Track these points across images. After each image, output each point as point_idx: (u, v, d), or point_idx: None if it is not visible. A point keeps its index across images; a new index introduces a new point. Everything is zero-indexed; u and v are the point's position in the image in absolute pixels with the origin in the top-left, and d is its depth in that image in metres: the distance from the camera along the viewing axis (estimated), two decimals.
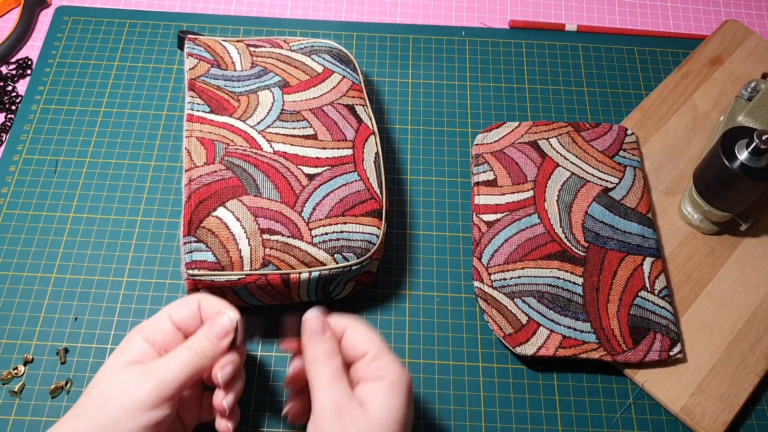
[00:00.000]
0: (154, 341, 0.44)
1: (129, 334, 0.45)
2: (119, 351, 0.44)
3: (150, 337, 0.44)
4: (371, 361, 0.43)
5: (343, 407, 0.40)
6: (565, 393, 0.55)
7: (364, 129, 0.58)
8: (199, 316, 0.46)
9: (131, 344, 0.44)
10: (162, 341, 0.44)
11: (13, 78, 0.69)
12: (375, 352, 0.43)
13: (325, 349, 0.43)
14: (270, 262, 0.50)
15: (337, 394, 0.41)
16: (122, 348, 0.44)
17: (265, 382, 0.54)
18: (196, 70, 0.59)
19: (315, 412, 0.41)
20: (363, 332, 0.44)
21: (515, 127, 0.65)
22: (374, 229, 0.53)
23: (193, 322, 0.45)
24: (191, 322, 0.45)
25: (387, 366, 0.42)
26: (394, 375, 0.42)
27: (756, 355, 0.56)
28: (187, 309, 0.45)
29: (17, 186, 0.62)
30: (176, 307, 0.45)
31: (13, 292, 0.57)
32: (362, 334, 0.44)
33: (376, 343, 0.43)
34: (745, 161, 0.54)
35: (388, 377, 0.42)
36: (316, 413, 0.41)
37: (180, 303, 0.46)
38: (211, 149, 0.54)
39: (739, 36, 0.72)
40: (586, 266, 0.57)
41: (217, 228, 0.51)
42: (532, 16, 0.76)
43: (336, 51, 0.63)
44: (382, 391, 0.41)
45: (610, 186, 0.61)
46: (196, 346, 0.43)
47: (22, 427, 0.51)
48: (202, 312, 0.46)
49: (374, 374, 0.42)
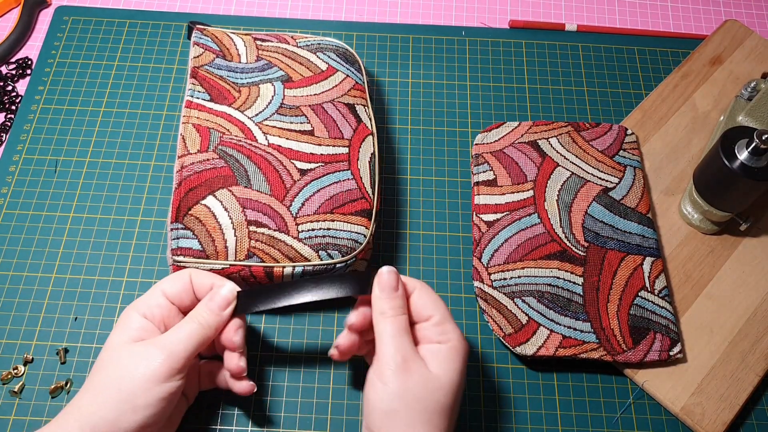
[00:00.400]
0: (152, 317, 0.46)
1: (125, 311, 0.46)
2: (120, 328, 0.45)
3: (147, 313, 0.46)
4: (435, 325, 0.45)
5: (409, 359, 0.42)
6: (565, 393, 0.55)
7: (363, 129, 0.58)
8: (192, 289, 0.48)
9: (130, 320, 0.45)
10: (159, 315, 0.46)
11: (13, 78, 0.69)
12: (439, 317, 0.45)
13: (396, 304, 0.45)
14: (255, 254, 0.51)
15: (403, 346, 0.43)
16: (122, 325, 0.45)
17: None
18: (201, 58, 0.59)
19: (380, 359, 0.43)
20: (431, 297, 0.46)
21: (515, 127, 0.65)
22: (362, 229, 0.53)
23: (187, 296, 0.47)
24: (185, 295, 0.47)
25: (450, 332, 0.45)
26: (456, 341, 0.44)
27: (756, 355, 0.56)
28: (180, 283, 0.47)
29: (17, 186, 0.62)
30: (168, 282, 0.47)
31: (13, 292, 0.57)
32: (430, 298, 0.46)
33: (441, 309, 0.46)
34: (745, 161, 0.54)
35: (450, 342, 0.44)
36: (381, 361, 0.43)
37: (171, 278, 0.48)
38: (206, 137, 0.54)
39: (739, 36, 0.72)
40: (586, 266, 0.57)
41: (205, 217, 0.51)
42: (532, 16, 0.76)
43: (343, 50, 0.63)
44: (443, 353, 0.44)
45: (610, 186, 0.61)
46: (200, 317, 0.45)
47: (22, 427, 0.51)
48: (194, 286, 0.48)
49: (437, 338, 0.44)
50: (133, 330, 0.44)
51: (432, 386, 0.42)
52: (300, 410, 0.53)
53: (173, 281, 0.47)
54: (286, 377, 0.54)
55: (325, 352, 0.56)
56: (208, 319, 0.46)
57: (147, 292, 0.47)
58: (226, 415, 0.53)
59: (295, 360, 0.55)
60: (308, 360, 0.55)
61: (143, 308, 0.46)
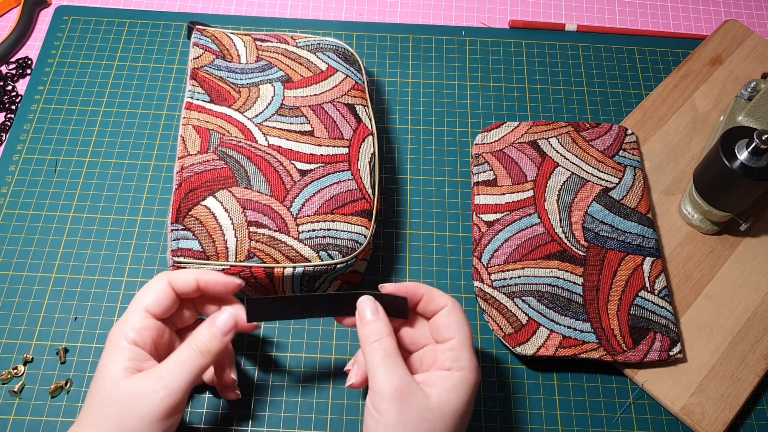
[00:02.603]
0: (143, 343, 0.43)
1: (113, 335, 0.43)
2: (111, 355, 0.42)
3: (138, 339, 0.43)
4: (450, 350, 0.43)
5: (403, 387, 0.41)
6: (565, 393, 0.55)
7: (363, 129, 0.58)
8: (174, 294, 0.45)
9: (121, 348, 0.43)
10: (150, 339, 0.44)
11: (13, 78, 0.69)
12: (457, 341, 0.43)
13: (374, 329, 0.43)
14: (255, 255, 0.51)
15: (395, 372, 0.41)
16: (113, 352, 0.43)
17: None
18: (201, 59, 0.59)
19: (373, 389, 0.41)
20: (457, 318, 0.44)
21: (515, 127, 0.65)
22: (362, 229, 0.53)
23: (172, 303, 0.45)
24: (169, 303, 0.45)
25: (462, 359, 0.43)
26: (467, 371, 0.42)
27: (756, 355, 0.56)
28: (161, 293, 0.44)
29: (17, 186, 0.62)
30: (149, 296, 0.44)
31: (13, 292, 0.57)
32: (456, 319, 0.44)
33: (462, 333, 0.44)
34: (745, 161, 0.54)
35: (462, 371, 0.42)
36: (375, 391, 0.41)
37: (151, 290, 0.44)
38: (206, 138, 0.54)
39: (739, 36, 0.72)
40: (586, 266, 0.57)
41: (205, 217, 0.51)
42: (532, 16, 0.76)
43: (342, 50, 0.63)
44: (452, 381, 0.42)
45: (610, 186, 0.61)
46: (201, 344, 0.43)
47: (22, 427, 0.51)
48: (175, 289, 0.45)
49: (449, 363, 0.43)
50: (126, 360, 0.42)
51: (430, 416, 0.40)
52: (300, 410, 0.53)
53: (153, 293, 0.44)
54: (286, 377, 0.54)
55: (326, 352, 0.56)
56: (209, 345, 0.43)
57: (129, 310, 0.44)
58: (226, 415, 0.53)
59: (295, 360, 0.55)
60: (308, 360, 0.55)
61: (132, 334, 0.43)
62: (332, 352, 0.56)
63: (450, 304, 0.45)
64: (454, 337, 0.43)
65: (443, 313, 0.45)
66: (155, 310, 0.44)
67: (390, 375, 0.41)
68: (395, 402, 0.40)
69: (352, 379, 0.46)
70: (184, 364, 0.42)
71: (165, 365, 0.42)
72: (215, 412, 0.53)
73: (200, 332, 0.44)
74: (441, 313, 0.45)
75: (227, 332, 0.44)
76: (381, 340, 0.43)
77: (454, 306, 0.45)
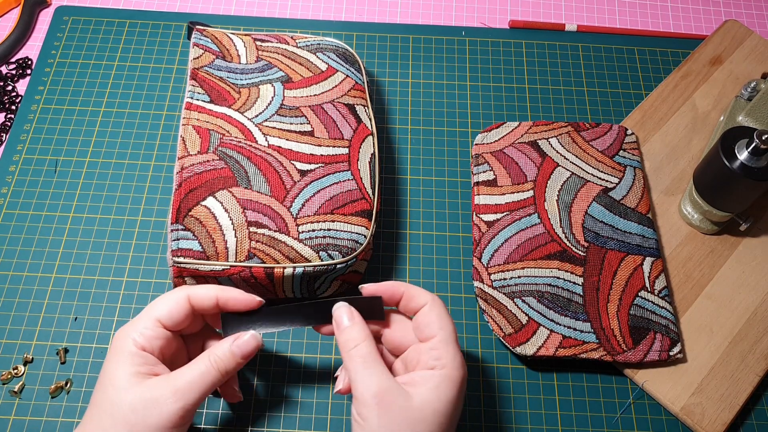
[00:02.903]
0: (152, 349, 0.43)
1: (120, 336, 0.43)
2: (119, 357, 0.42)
3: (147, 345, 0.43)
4: (432, 349, 0.42)
5: (384, 391, 0.40)
6: (565, 393, 0.55)
7: (363, 129, 0.58)
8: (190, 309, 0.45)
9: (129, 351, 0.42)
10: (159, 347, 0.44)
11: (13, 78, 0.69)
12: (439, 339, 0.43)
13: (351, 336, 0.43)
14: (255, 255, 0.51)
15: (375, 376, 0.41)
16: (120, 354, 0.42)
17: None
18: (201, 60, 0.59)
19: (355, 396, 0.41)
20: (439, 315, 0.44)
21: (515, 127, 0.65)
22: (362, 230, 0.53)
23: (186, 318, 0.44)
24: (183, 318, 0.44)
25: (444, 357, 0.42)
26: (450, 368, 0.42)
27: (756, 355, 0.56)
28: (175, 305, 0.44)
29: (17, 186, 0.62)
30: (163, 306, 0.44)
31: (13, 292, 0.57)
32: (438, 316, 0.44)
33: (445, 330, 0.43)
34: (745, 161, 0.54)
35: (444, 369, 0.41)
36: (357, 398, 0.41)
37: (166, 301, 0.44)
38: (206, 138, 0.54)
39: (739, 36, 0.72)
40: (586, 266, 0.57)
41: (205, 217, 0.51)
42: (532, 16, 0.76)
43: (342, 50, 0.63)
44: (434, 381, 0.41)
45: (610, 186, 0.61)
46: (219, 361, 0.43)
47: (22, 427, 0.51)
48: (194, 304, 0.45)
49: (431, 363, 0.42)
50: (136, 365, 0.42)
51: (414, 417, 0.40)
52: (300, 410, 0.53)
53: (168, 305, 0.44)
54: (286, 377, 0.54)
55: (326, 352, 0.56)
56: (227, 364, 0.43)
57: (141, 315, 0.44)
58: (226, 415, 0.53)
59: (295, 360, 0.55)
60: (308, 360, 0.55)
61: (141, 340, 0.43)
62: (332, 352, 0.56)
63: (430, 301, 0.44)
64: (435, 335, 0.43)
65: (424, 311, 0.44)
66: (167, 322, 0.44)
67: (369, 380, 0.41)
68: (376, 407, 0.40)
69: (339, 384, 0.46)
70: (202, 378, 0.42)
71: (182, 376, 0.42)
72: (215, 412, 0.53)
73: (221, 349, 0.44)
74: (422, 310, 0.44)
75: (247, 356, 0.44)
76: (358, 347, 0.42)
77: (434, 302, 0.44)
